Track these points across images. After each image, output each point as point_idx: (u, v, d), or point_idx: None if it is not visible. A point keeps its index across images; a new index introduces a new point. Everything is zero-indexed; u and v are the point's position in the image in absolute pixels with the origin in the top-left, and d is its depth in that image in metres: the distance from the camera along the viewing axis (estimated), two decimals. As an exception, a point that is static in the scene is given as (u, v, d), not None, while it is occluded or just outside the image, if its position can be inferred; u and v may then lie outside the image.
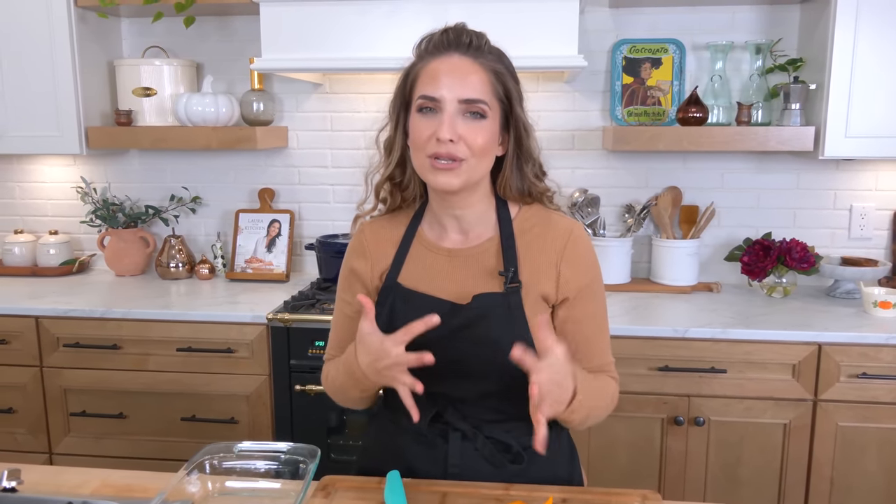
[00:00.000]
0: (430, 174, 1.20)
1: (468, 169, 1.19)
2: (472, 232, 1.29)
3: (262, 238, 2.77)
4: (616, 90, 2.57)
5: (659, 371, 2.11)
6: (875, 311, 2.22)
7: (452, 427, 1.26)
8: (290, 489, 1.17)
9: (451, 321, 1.20)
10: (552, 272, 1.24)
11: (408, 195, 1.31)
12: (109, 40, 2.71)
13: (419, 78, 1.20)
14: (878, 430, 2.08)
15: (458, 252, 1.28)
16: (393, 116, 1.26)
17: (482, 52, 1.21)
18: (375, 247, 1.32)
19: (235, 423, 2.30)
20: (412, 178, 1.29)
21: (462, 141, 1.16)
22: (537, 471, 1.28)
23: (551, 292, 1.24)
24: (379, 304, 1.28)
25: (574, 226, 1.28)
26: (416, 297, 1.25)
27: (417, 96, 1.19)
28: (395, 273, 1.29)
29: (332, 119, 2.75)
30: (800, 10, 2.48)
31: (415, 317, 1.18)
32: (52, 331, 2.33)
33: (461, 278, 1.26)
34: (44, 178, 2.92)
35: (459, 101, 1.16)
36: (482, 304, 1.22)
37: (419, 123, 1.19)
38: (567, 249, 1.25)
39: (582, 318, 1.26)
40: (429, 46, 1.23)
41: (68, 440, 2.39)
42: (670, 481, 2.17)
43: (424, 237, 1.31)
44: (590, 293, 1.27)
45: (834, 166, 2.56)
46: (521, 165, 1.26)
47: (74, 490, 1.19)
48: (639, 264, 2.68)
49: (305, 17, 2.23)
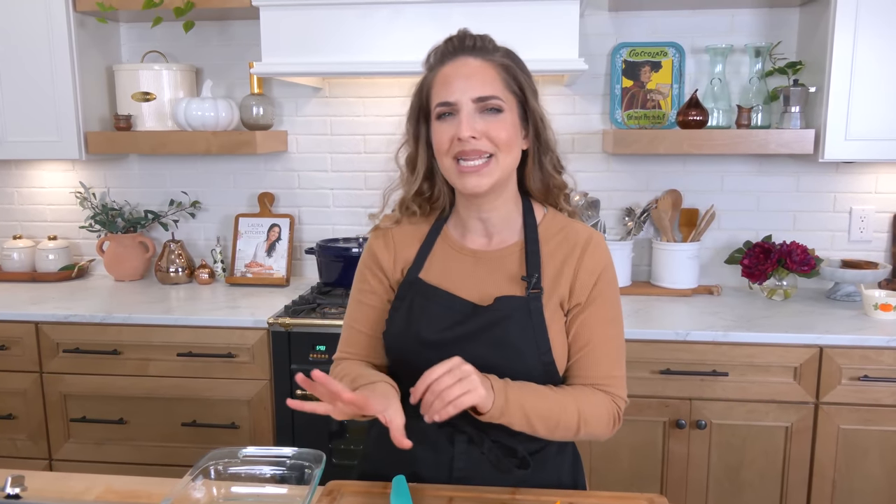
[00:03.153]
0: (457, 179, 1.21)
1: (496, 165, 1.20)
2: (496, 235, 1.30)
3: (262, 242, 2.76)
4: (616, 93, 2.57)
5: (661, 374, 2.11)
6: (876, 313, 2.22)
7: (458, 430, 1.25)
8: (295, 494, 1.17)
9: (470, 322, 1.22)
10: (568, 277, 1.25)
11: (438, 206, 1.33)
12: (108, 45, 2.71)
13: (432, 88, 1.22)
14: (880, 433, 2.08)
15: (482, 254, 1.29)
16: (411, 131, 1.27)
17: (488, 50, 1.23)
18: (400, 240, 1.33)
19: (236, 428, 2.29)
20: (441, 189, 1.30)
21: (484, 137, 1.18)
22: (542, 476, 1.28)
23: (565, 296, 1.25)
24: (398, 298, 1.29)
25: (594, 234, 1.30)
26: (439, 294, 1.26)
27: (435, 105, 1.21)
28: (417, 269, 1.29)
29: (331, 123, 2.75)
30: (799, 12, 2.48)
31: (436, 313, 1.21)
32: (52, 336, 2.32)
33: (483, 280, 1.26)
34: (43, 184, 2.91)
35: (473, 100, 1.18)
36: (504, 307, 1.22)
37: (440, 130, 1.21)
38: (586, 256, 1.26)
39: (590, 324, 1.25)
40: (436, 57, 1.25)
41: (68, 446, 2.38)
42: (673, 484, 2.16)
43: (449, 236, 1.32)
44: (602, 300, 1.26)
45: (834, 169, 2.57)
46: (541, 157, 1.28)
47: (79, 497, 1.18)
48: (639, 267, 2.68)
49: (306, 20, 2.23)
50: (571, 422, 1.19)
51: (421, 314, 1.24)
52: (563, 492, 1.22)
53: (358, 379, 1.22)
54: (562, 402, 1.19)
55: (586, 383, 1.25)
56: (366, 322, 1.33)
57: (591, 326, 1.25)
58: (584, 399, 1.22)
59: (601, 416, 1.23)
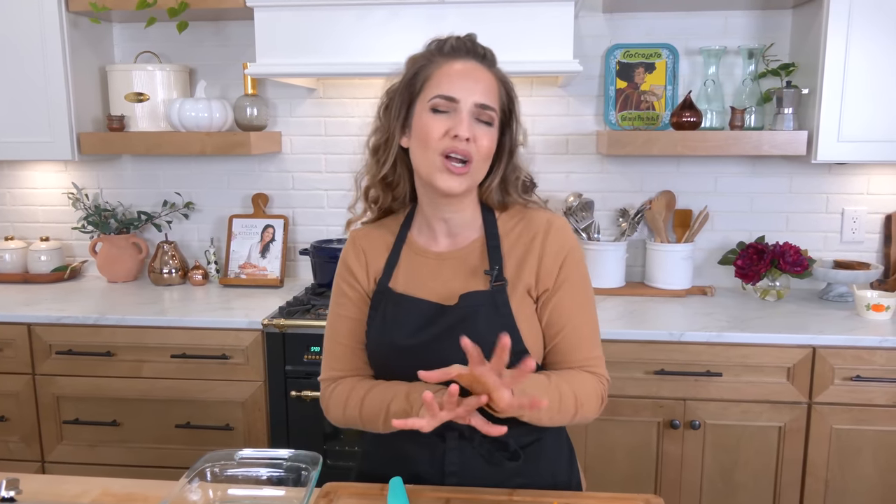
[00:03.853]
0: (439, 175, 1.20)
1: (474, 172, 1.22)
2: (460, 235, 1.31)
3: (255, 243, 2.76)
4: (610, 95, 2.58)
5: (655, 375, 2.12)
6: (868, 314, 2.24)
7: (449, 426, 1.26)
8: (292, 497, 1.16)
9: (439, 322, 1.23)
10: (533, 263, 1.26)
11: (398, 194, 1.33)
12: (101, 46, 2.70)
13: (433, 77, 1.22)
14: (873, 433, 2.09)
15: (445, 255, 1.31)
16: (395, 113, 1.26)
17: (493, 64, 1.26)
18: (370, 251, 1.35)
19: (231, 430, 2.29)
20: (402, 177, 1.31)
21: (473, 143, 1.19)
22: (537, 474, 1.28)
23: (532, 283, 1.26)
24: (373, 308, 1.30)
25: (554, 218, 1.31)
26: (406, 300, 1.28)
27: (432, 95, 1.20)
28: (386, 278, 1.31)
29: (325, 124, 2.74)
30: (792, 15, 2.50)
31: (406, 319, 1.24)
32: (45, 338, 2.31)
33: (449, 280, 1.28)
34: (35, 184, 2.89)
35: (475, 104, 1.20)
36: (469, 304, 1.23)
37: (432, 122, 1.20)
38: (548, 240, 1.27)
39: (564, 309, 1.26)
40: (443, 48, 1.25)
41: (61, 448, 2.37)
42: (667, 485, 2.17)
43: (414, 242, 1.33)
44: (571, 284, 1.27)
45: (826, 170, 2.58)
46: (507, 177, 1.29)
47: (75, 500, 1.18)
48: (633, 268, 2.69)
49: (301, 21, 2.23)
50: (570, 406, 1.21)
51: (393, 322, 1.26)
52: (560, 493, 1.23)
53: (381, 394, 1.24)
54: (560, 387, 1.20)
55: (570, 367, 1.26)
56: (350, 335, 1.33)
57: (564, 310, 1.26)
58: (577, 382, 1.23)
59: (592, 397, 1.24)
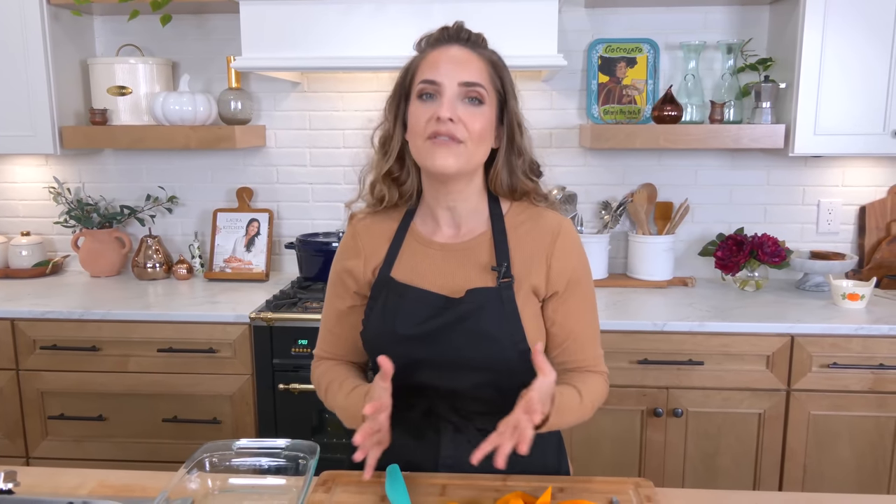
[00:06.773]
0: (427, 155, 1.20)
1: (466, 152, 1.20)
2: (464, 226, 1.30)
3: (240, 237, 2.75)
4: (592, 89, 2.61)
5: (639, 364, 2.16)
6: (844, 302, 2.29)
7: (444, 419, 1.28)
8: (291, 485, 1.18)
9: (445, 314, 1.23)
10: (542, 266, 1.27)
11: (406, 190, 1.31)
12: (83, 39, 2.67)
13: (419, 68, 1.23)
14: (849, 418, 2.15)
15: (450, 247, 1.29)
16: (392, 110, 1.27)
17: (480, 45, 1.26)
18: (368, 241, 1.33)
19: (218, 424, 2.29)
20: (410, 172, 1.30)
21: (461, 123, 1.19)
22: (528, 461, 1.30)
23: (541, 285, 1.27)
24: (372, 297, 1.30)
25: (563, 221, 1.31)
26: (410, 291, 1.27)
27: (418, 81, 1.21)
28: (388, 268, 1.30)
29: (310, 118, 2.75)
30: (769, 10, 2.54)
31: (410, 309, 1.23)
32: (29, 333, 2.30)
33: (454, 273, 1.27)
34: (15, 179, 2.86)
35: (459, 83, 1.19)
36: (476, 299, 1.24)
37: (418, 110, 1.21)
38: (557, 243, 1.28)
39: (572, 312, 1.29)
40: (429, 41, 1.26)
41: (46, 444, 2.36)
42: (650, 471, 2.21)
43: (417, 232, 1.32)
44: (579, 287, 1.29)
45: (802, 163, 2.64)
46: (512, 161, 1.28)
47: (73, 491, 1.18)
48: (616, 260, 2.73)
49: (287, 15, 2.23)
50: (587, 413, 1.27)
51: (395, 311, 1.25)
52: (553, 478, 1.25)
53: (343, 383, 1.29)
54: (578, 396, 1.24)
55: (576, 367, 1.29)
56: (338, 322, 1.35)
57: (573, 315, 1.29)
58: (590, 388, 1.27)
59: (600, 397, 1.30)
